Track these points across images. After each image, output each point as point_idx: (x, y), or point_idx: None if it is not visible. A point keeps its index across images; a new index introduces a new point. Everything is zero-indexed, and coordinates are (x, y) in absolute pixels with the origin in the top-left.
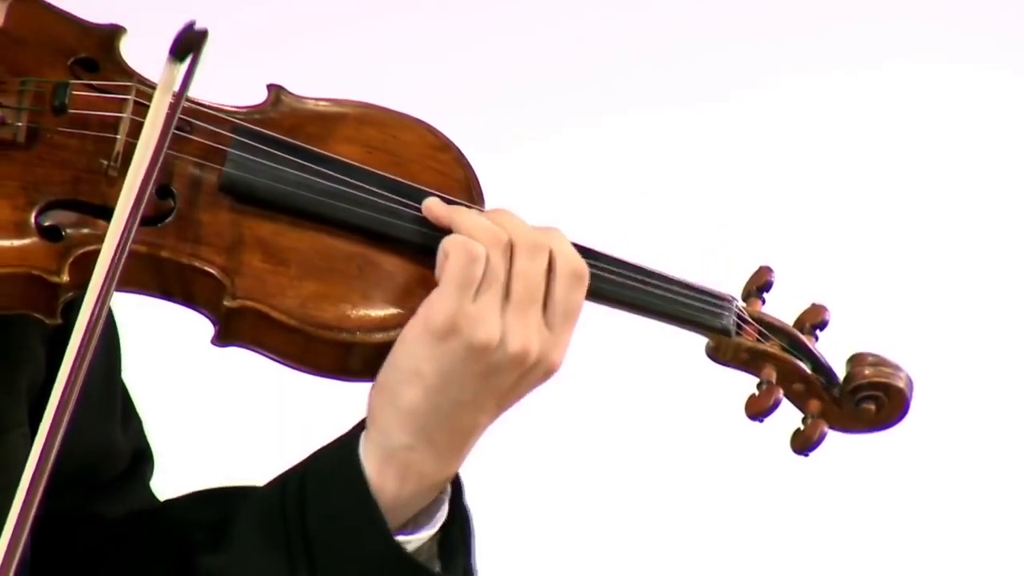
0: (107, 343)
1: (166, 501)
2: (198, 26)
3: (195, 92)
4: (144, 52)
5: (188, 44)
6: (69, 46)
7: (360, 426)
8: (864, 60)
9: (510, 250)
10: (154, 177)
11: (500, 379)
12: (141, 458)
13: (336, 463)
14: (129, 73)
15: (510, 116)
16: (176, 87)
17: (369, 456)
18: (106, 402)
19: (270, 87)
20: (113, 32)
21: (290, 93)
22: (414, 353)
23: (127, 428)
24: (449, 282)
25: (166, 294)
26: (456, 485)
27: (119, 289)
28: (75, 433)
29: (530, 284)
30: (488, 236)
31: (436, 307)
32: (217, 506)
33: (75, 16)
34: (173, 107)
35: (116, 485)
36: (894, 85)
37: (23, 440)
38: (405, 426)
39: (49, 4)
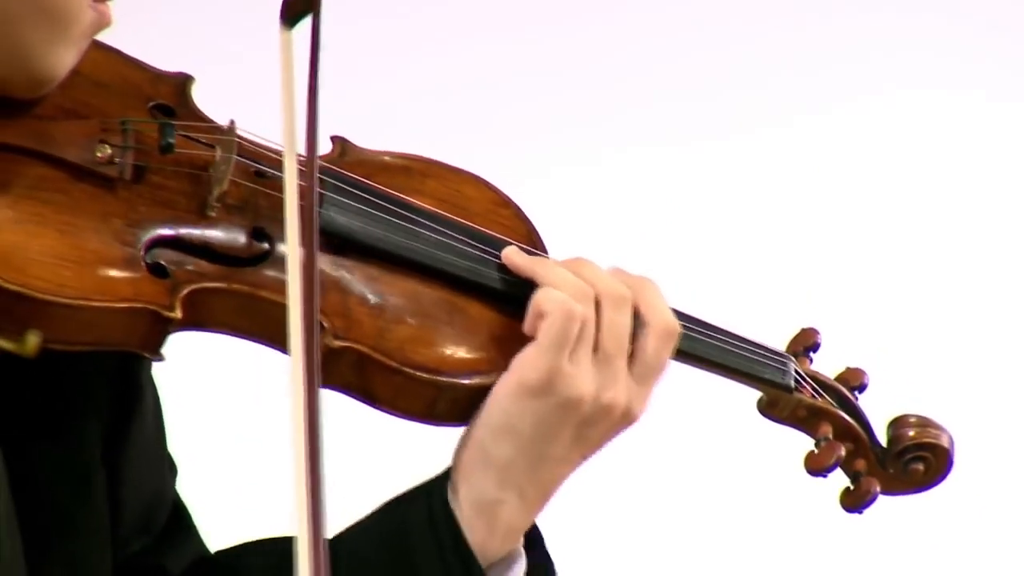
0: (154, 392)
1: (229, 550)
2: None
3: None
4: None
5: (297, 7)
6: (146, 92)
7: (435, 482)
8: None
9: (597, 303)
10: (317, 232)
11: (589, 431)
12: (183, 508)
13: (431, 519)
14: (205, 119)
15: (549, 144)
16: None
17: (461, 511)
18: (159, 446)
19: (334, 139)
20: (184, 80)
21: (353, 144)
22: (508, 410)
23: (172, 475)
24: (546, 341)
25: (258, 335)
26: (532, 533)
27: (211, 330)
28: (140, 475)
29: (617, 337)
30: (575, 290)
31: (533, 365)
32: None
33: (145, 63)
34: (307, 160)
35: (173, 533)
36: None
37: (102, 482)
38: (499, 482)
39: (121, 51)
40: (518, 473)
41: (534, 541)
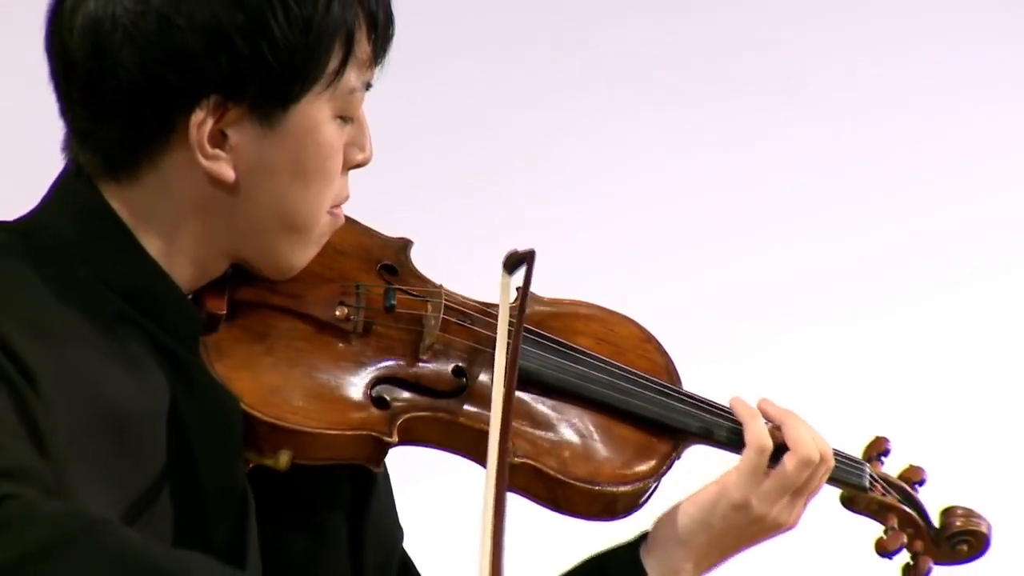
0: (385, 472)
1: None
2: (525, 248)
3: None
4: None
5: (517, 260)
6: (376, 255)
7: (632, 544)
8: None
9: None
10: (514, 386)
11: (756, 532)
12: (411, 564)
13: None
14: (421, 277)
15: None
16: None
17: (652, 569)
18: (391, 514)
19: (519, 289)
20: (405, 244)
21: (534, 293)
22: (711, 511)
23: (400, 537)
24: (777, 480)
25: (456, 450)
26: None
27: (421, 446)
28: (377, 539)
29: (817, 488)
30: (814, 452)
31: (750, 489)
32: None
33: (375, 231)
34: (516, 324)
35: None
36: None
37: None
38: (685, 556)
39: (357, 221)
40: (700, 553)
41: None
